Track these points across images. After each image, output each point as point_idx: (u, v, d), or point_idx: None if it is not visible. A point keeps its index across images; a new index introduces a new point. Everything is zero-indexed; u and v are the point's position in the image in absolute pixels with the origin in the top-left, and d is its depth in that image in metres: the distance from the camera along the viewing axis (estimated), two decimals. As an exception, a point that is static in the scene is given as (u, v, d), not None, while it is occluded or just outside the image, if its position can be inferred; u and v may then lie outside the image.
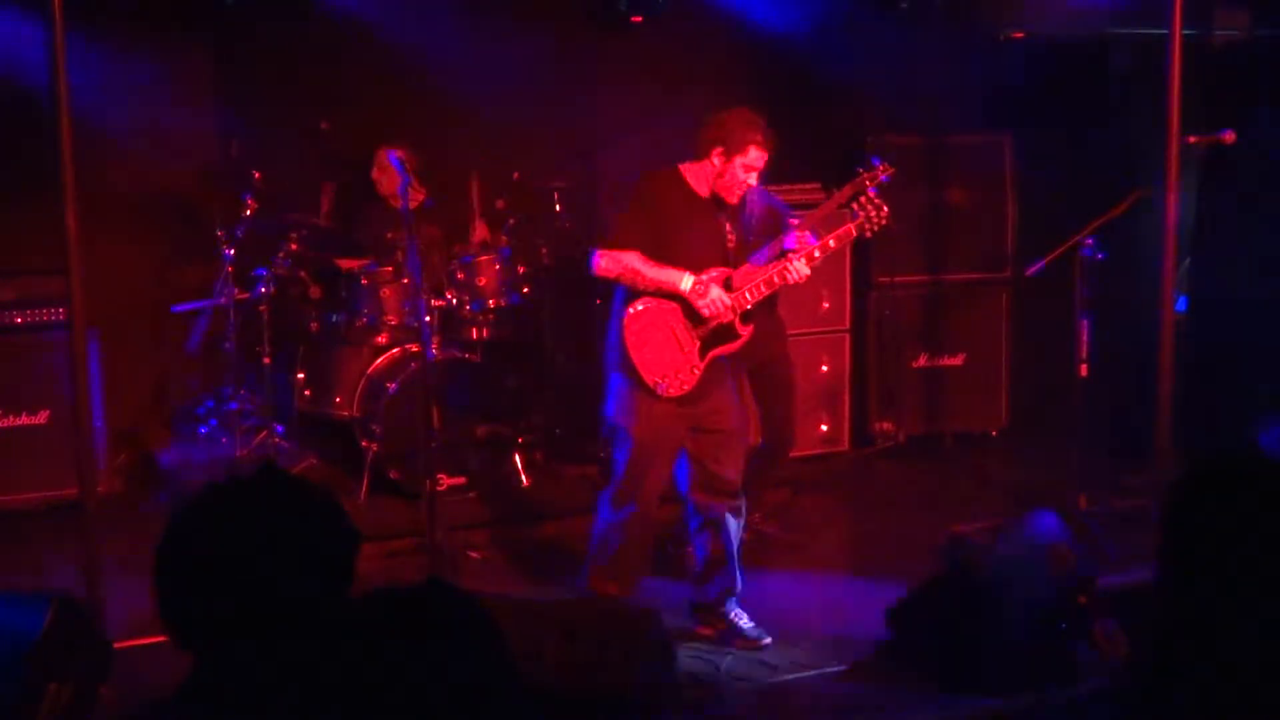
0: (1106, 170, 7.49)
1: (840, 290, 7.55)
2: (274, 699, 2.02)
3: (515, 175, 7.26)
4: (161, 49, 7.23)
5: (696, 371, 5.03)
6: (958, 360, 7.89)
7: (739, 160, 4.98)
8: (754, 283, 5.06)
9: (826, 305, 7.49)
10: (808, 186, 7.32)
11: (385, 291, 6.71)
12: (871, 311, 7.75)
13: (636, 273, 4.94)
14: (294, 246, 6.84)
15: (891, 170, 5.42)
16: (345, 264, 6.90)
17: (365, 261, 6.81)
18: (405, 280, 6.64)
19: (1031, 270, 6.52)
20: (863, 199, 5.21)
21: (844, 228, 5.20)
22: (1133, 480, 6.67)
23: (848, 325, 7.61)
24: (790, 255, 5.08)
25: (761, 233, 5.44)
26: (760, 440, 6.16)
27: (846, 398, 7.65)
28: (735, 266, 5.09)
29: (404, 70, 7.42)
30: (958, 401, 7.88)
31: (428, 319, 5.95)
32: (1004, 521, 5.99)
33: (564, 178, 7.36)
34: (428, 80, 7.48)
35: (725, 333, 5.07)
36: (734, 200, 5.08)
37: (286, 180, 7.02)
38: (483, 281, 6.79)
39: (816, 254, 5.11)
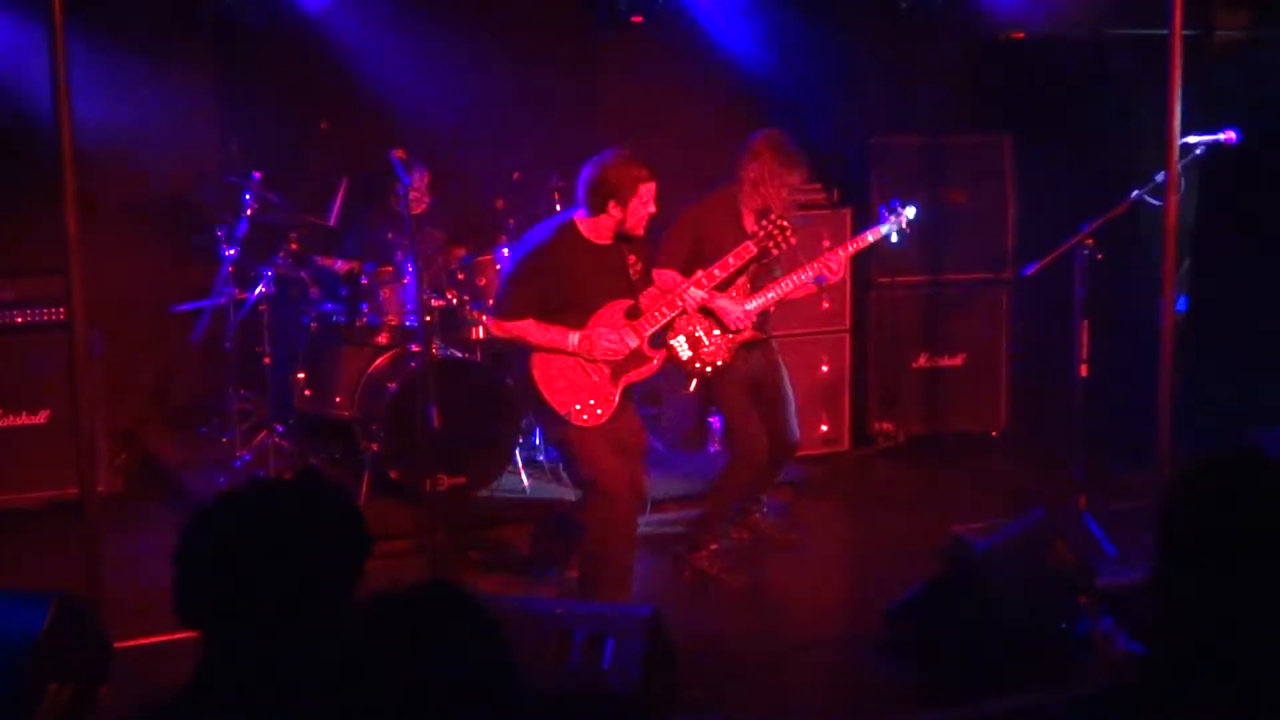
0: (1106, 170, 7.48)
1: (840, 290, 7.54)
2: (278, 696, 2.03)
3: (515, 175, 7.26)
4: (162, 49, 7.23)
5: (613, 398, 5.28)
6: (958, 360, 7.89)
7: (634, 202, 5.19)
8: (657, 308, 5.31)
9: (826, 305, 7.50)
10: (809, 186, 7.31)
11: (385, 291, 6.72)
12: (871, 311, 7.75)
13: (526, 340, 5.24)
14: (294, 246, 6.84)
15: (912, 215, 5.90)
16: (345, 264, 6.90)
17: (365, 261, 6.82)
18: (405, 280, 6.65)
19: (1030, 270, 6.52)
20: (765, 220, 5.46)
21: (743, 245, 5.45)
22: (1133, 480, 6.67)
23: (848, 325, 7.62)
24: (691, 283, 5.38)
25: (785, 254, 5.72)
26: (767, 447, 6.15)
27: (846, 398, 7.65)
28: (639, 293, 5.34)
29: (404, 70, 7.42)
30: (958, 401, 7.88)
31: (428, 319, 5.96)
32: (1004, 521, 5.99)
33: (564, 178, 7.35)
34: (428, 81, 7.49)
35: (633, 359, 5.29)
36: (643, 231, 5.31)
37: (286, 180, 7.02)
38: (483, 282, 6.80)
39: (716, 271, 5.40)
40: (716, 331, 5.75)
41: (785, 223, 5.43)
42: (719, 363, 5.75)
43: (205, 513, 2.16)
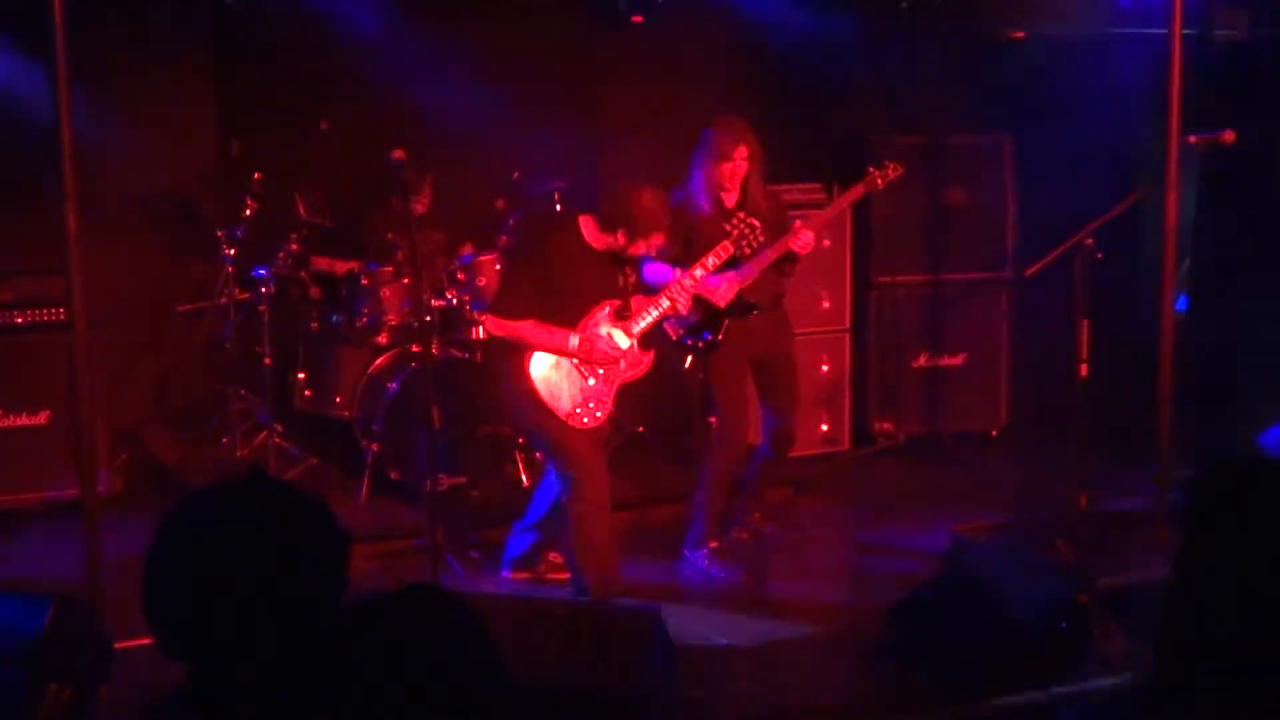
0: (1106, 170, 7.49)
1: (840, 290, 7.55)
2: (263, 705, 2.00)
3: (515, 175, 7.26)
4: (161, 49, 7.23)
5: (609, 401, 5.40)
6: (958, 360, 7.89)
7: (641, 243, 5.29)
8: (645, 308, 5.42)
9: (826, 305, 7.49)
10: (808, 186, 7.33)
11: (385, 291, 6.72)
12: (871, 311, 7.75)
13: (525, 339, 5.30)
14: (294, 246, 6.84)
15: (901, 169, 5.87)
16: (345, 264, 6.90)
17: (365, 261, 6.82)
18: (405, 280, 6.65)
19: (1031, 270, 6.53)
20: (737, 219, 5.54)
21: (722, 244, 5.53)
22: (1133, 480, 6.67)
23: (848, 325, 7.62)
24: (677, 281, 5.46)
25: (771, 231, 5.78)
26: (761, 439, 6.17)
27: (847, 398, 7.65)
28: (629, 298, 5.44)
29: (404, 70, 7.42)
30: (958, 401, 7.88)
31: (428, 319, 5.97)
32: (1004, 521, 5.99)
33: (564, 178, 7.35)
34: (428, 81, 7.48)
35: (627, 360, 5.43)
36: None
37: (286, 180, 7.01)
38: (483, 282, 6.79)
39: (698, 272, 5.49)
40: (706, 306, 5.77)
41: (755, 222, 5.51)
42: (710, 338, 5.77)
43: (159, 539, 2.03)
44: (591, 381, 5.34)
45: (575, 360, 5.32)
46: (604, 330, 5.34)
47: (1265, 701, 1.87)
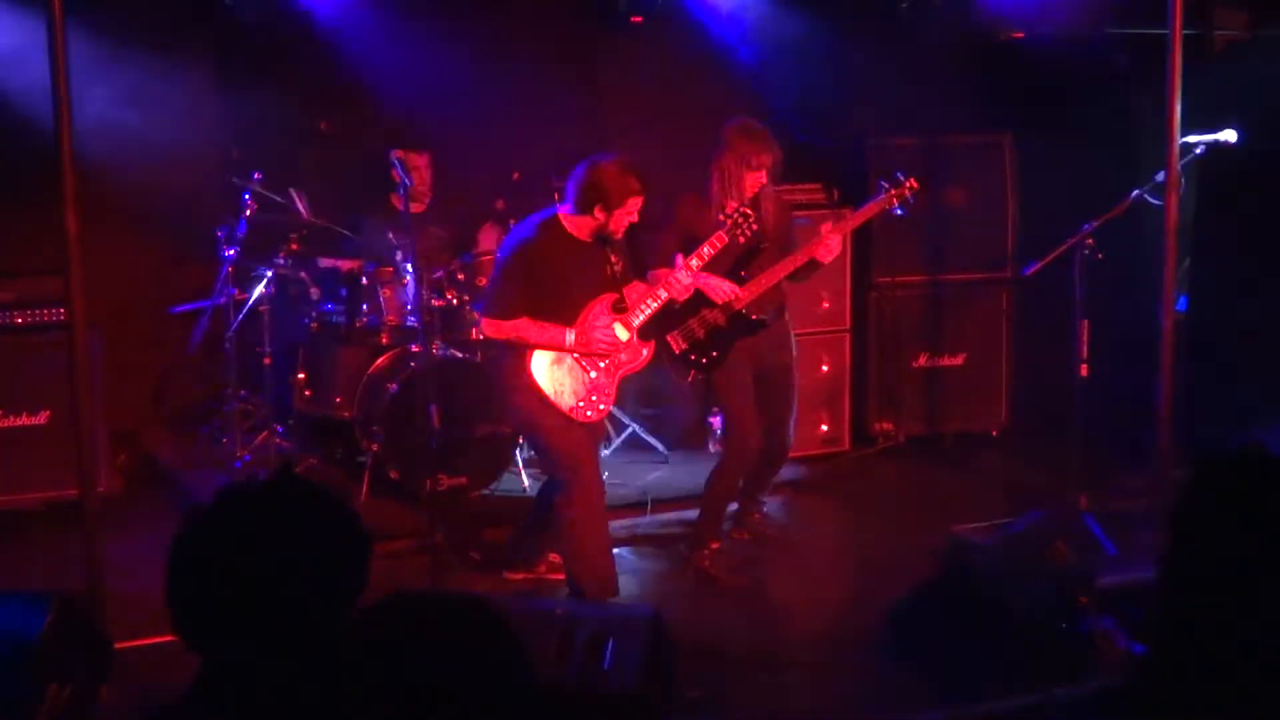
0: (1106, 170, 7.48)
1: (840, 290, 7.55)
2: (281, 703, 2.01)
3: (515, 175, 7.26)
4: (161, 49, 7.23)
5: (611, 394, 5.41)
6: (958, 360, 7.89)
7: (620, 212, 5.27)
8: (644, 300, 5.41)
9: (826, 305, 7.49)
10: (809, 186, 7.33)
11: (385, 291, 6.72)
12: (871, 311, 7.75)
13: (523, 339, 5.28)
14: (294, 246, 6.84)
15: (917, 185, 5.80)
16: (345, 264, 6.91)
17: (365, 261, 6.82)
18: (405, 280, 6.65)
19: (1031, 270, 6.52)
20: (730, 210, 5.51)
21: (716, 235, 5.49)
22: (1133, 480, 6.67)
23: (848, 325, 7.62)
24: (677, 267, 5.43)
25: (775, 236, 5.80)
26: (760, 444, 6.16)
27: (846, 398, 7.65)
28: (621, 288, 5.39)
29: (404, 71, 7.42)
30: (958, 401, 7.88)
31: (427, 319, 5.98)
32: (1004, 521, 5.99)
33: (564, 178, 7.34)
34: (428, 81, 7.49)
35: (626, 352, 5.43)
36: (620, 235, 5.39)
37: (286, 180, 7.01)
38: (483, 282, 6.79)
39: (694, 261, 5.45)
40: (712, 321, 5.76)
41: (749, 210, 5.49)
42: (715, 354, 5.76)
43: (186, 536, 2.08)
44: (593, 375, 5.34)
45: (575, 354, 5.32)
46: (602, 323, 5.34)
47: (1258, 700, 1.88)
